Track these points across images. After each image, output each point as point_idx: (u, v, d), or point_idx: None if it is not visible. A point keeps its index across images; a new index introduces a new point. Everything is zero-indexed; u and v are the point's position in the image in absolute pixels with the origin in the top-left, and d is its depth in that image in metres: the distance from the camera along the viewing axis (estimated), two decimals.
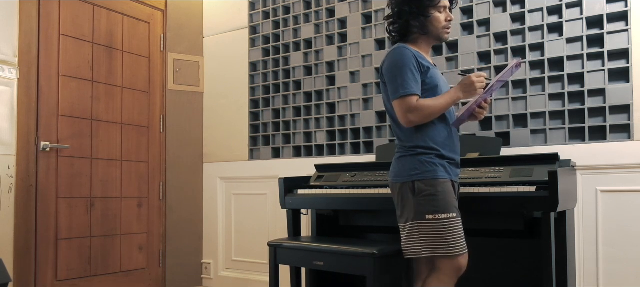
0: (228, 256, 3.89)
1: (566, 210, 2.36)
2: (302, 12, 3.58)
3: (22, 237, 2.99)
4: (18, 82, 2.98)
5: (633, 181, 2.49)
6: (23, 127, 3.01)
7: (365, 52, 3.30)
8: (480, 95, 1.98)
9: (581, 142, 2.62)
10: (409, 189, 2.00)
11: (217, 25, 4.03)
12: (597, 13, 2.61)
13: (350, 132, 3.34)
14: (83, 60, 3.34)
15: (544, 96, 2.72)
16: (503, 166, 2.44)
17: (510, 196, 2.25)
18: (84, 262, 3.31)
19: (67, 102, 3.23)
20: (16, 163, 2.96)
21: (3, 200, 2.89)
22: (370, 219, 2.88)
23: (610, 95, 2.56)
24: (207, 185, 4.01)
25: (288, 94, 3.62)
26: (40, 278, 3.08)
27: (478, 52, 2.91)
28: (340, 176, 2.85)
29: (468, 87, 1.98)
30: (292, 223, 2.90)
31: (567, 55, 2.68)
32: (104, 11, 3.48)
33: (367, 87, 3.30)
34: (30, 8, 3.06)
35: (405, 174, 2.02)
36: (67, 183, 3.22)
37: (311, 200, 2.80)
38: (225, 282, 3.87)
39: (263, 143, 3.75)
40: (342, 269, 2.42)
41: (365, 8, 3.34)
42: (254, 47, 3.82)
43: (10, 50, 2.95)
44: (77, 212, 3.28)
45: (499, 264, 2.60)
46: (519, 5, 2.83)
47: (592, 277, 2.58)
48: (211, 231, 3.96)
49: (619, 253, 2.52)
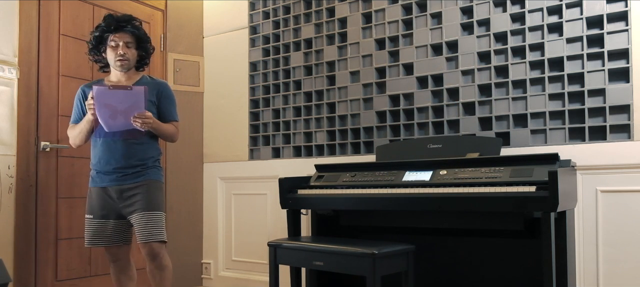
0: (228, 256, 3.89)
1: (566, 210, 2.36)
2: (302, 12, 3.58)
3: (22, 237, 2.99)
4: (18, 82, 2.98)
5: (633, 181, 2.49)
6: (23, 127, 3.01)
7: (365, 52, 3.30)
8: (93, 113, 2.41)
9: (581, 142, 2.62)
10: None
11: (217, 25, 4.03)
12: (597, 13, 2.61)
13: (350, 132, 3.34)
14: (83, 60, 3.34)
15: (544, 96, 2.72)
16: (503, 166, 2.44)
17: (510, 196, 2.25)
18: (84, 262, 3.31)
19: (67, 102, 3.23)
20: (16, 163, 2.96)
21: (3, 200, 2.89)
22: (370, 219, 2.88)
23: (610, 95, 2.56)
24: (207, 185, 4.01)
25: (288, 94, 3.62)
26: (40, 278, 3.07)
27: (478, 52, 2.91)
28: (340, 176, 2.85)
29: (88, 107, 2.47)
30: (292, 223, 2.90)
31: (567, 55, 2.68)
32: (104, 11, 3.47)
33: (367, 87, 3.30)
34: (30, 8, 3.06)
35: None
36: (67, 183, 3.22)
37: (311, 200, 2.80)
38: (225, 282, 3.87)
39: (263, 143, 3.75)
40: (341, 269, 2.42)
41: (365, 8, 3.34)
42: (254, 47, 3.82)
43: (10, 50, 2.95)
44: (77, 212, 3.27)
45: (499, 264, 2.60)
46: (519, 5, 2.83)
47: (592, 277, 2.58)
48: (211, 231, 3.96)
49: (619, 253, 2.52)
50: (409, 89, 3.12)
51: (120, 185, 2.51)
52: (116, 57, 2.54)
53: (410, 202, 2.48)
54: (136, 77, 2.65)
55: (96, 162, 2.55)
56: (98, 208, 2.53)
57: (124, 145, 2.52)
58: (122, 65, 2.55)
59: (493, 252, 2.61)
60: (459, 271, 2.70)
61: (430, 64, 3.06)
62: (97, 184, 2.54)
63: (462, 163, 2.56)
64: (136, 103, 2.39)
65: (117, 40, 2.54)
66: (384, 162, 2.79)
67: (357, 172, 2.82)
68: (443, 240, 2.75)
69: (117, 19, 2.56)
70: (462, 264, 2.69)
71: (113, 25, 2.54)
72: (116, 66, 2.56)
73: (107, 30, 2.53)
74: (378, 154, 2.95)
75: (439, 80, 3.05)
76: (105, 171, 2.52)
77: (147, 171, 2.56)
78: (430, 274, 2.77)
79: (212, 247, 3.94)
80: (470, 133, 2.90)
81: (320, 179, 2.91)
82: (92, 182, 2.57)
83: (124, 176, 2.51)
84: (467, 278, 2.69)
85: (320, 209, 2.93)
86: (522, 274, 2.53)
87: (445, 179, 2.51)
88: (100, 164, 2.53)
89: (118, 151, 2.51)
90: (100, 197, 2.53)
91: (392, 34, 3.21)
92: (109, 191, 2.52)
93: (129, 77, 2.61)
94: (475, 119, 2.90)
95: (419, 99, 3.09)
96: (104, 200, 2.53)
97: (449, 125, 3.00)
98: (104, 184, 2.52)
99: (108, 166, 2.51)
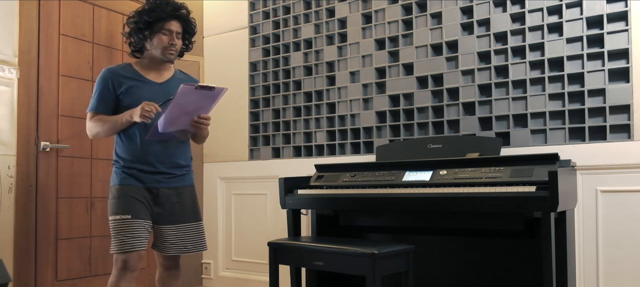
0: (228, 256, 3.89)
1: (566, 210, 2.36)
2: (302, 12, 3.58)
3: (22, 237, 2.99)
4: (18, 82, 2.98)
5: (633, 181, 2.49)
6: (23, 127, 3.00)
7: (365, 52, 3.30)
8: (145, 121, 2.14)
9: (581, 142, 2.62)
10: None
11: (217, 25, 4.03)
12: (597, 13, 2.61)
13: (350, 132, 3.34)
14: (83, 60, 3.34)
15: (544, 96, 2.72)
16: (503, 166, 2.44)
17: (510, 196, 2.25)
18: (84, 262, 3.31)
19: (67, 102, 3.23)
20: (16, 163, 2.96)
21: (3, 200, 2.89)
22: (370, 219, 2.88)
23: (610, 95, 2.56)
24: (207, 185, 4.01)
25: (288, 94, 3.62)
26: (40, 278, 3.07)
27: (478, 52, 2.91)
28: (340, 176, 2.85)
29: (135, 112, 2.17)
30: (292, 223, 2.90)
31: (567, 55, 2.68)
32: (104, 11, 3.48)
33: (367, 87, 3.30)
34: (30, 8, 3.06)
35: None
36: (67, 183, 3.22)
37: (311, 200, 2.80)
38: (225, 282, 3.87)
39: (263, 143, 3.75)
40: (342, 269, 2.42)
41: (365, 8, 3.34)
42: (254, 47, 3.82)
43: (10, 50, 2.95)
44: (77, 212, 3.28)
45: (499, 264, 2.60)
46: (519, 5, 2.83)
47: (592, 277, 2.58)
48: (211, 231, 3.96)
49: (619, 253, 2.52)
50: (409, 89, 3.12)
51: (168, 187, 2.31)
52: (167, 46, 2.29)
53: (410, 202, 2.48)
54: (169, 70, 2.42)
55: (134, 159, 2.27)
56: (137, 208, 2.22)
57: (172, 144, 2.31)
58: (171, 55, 2.32)
59: (493, 252, 2.61)
60: (459, 271, 2.70)
61: (430, 64, 3.06)
62: (135, 182, 2.26)
63: (462, 163, 2.56)
64: (206, 105, 2.18)
65: (171, 28, 2.29)
66: (384, 162, 2.79)
67: (357, 172, 2.82)
68: (443, 240, 2.75)
69: (173, 5, 2.31)
70: (462, 264, 2.69)
71: (169, 11, 2.29)
72: (165, 55, 2.31)
73: (163, 16, 2.27)
74: (378, 154, 2.95)
75: (439, 80, 3.05)
76: (150, 171, 2.27)
77: (190, 174, 2.41)
78: (430, 274, 2.77)
79: (212, 247, 3.94)
80: (470, 133, 2.90)
81: (320, 179, 2.91)
82: (129, 180, 2.26)
83: (172, 178, 2.32)
84: (467, 278, 2.69)
85: (320, 209, 2.93)
86: (522, 274, 2.53)
87: (445, 179, 2.51)
88: (142, 162, 2.27)
89: (166, 149, 2.30)
90: (141, 196, 2.25)
91: (392, 34, 3.21)
92: (153, 191, 2.28)
93: (165, 69, 2.40)
94: (475, 119, 2.90)
95: (419, 99, 3.09)
96: (145, 199, 2.26)
97: (449, 125, 3.00)
98: (148, 184, 2.27)
99: (155, 165, 2.28)
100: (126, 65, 2.36)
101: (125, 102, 2.27)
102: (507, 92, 2.83)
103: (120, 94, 2.28)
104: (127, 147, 2.28)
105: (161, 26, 2.27)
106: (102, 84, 2.28)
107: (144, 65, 2.36)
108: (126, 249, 2.16)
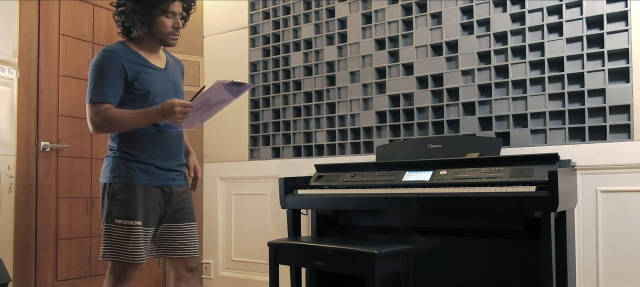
0: (228, 256, 3.89)
1: (566, 210, 2.36)
2: (302, 12, 3.58)
3: (22, 237, 2.99)
4: (18, 82, 2.98)
5: (633, 181, 2.49)
6: (23, 127, 3.00)
7: (365, 52, 3.30)
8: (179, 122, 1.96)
9: (581, 142, 2.62)
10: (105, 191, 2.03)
11: (217, 25, 4.03)
12: (597, 13, 2.61)
13: (350, 132, 3.34)
14: (83, 60, 3.34)
15: (544, 96, 2.72)
16: (503, 166, 2.44)
17: (510, 196, 2.25)
18: (84, 262, 3.31)
19: (67, 102, 3.23)
20: (16, 163, 2.96)
21: (3, 200, 2.89)
22: (370, 219, 2.88)
23: (610, 95, 2.56)
24: (207, 185, 4.01)
25: (288, 94, 3.62)
26: (40, 278, 3.07)
27: (478, 52, 2.91)
28: (340, 176, 2.85)
29: (168, 113, 1.93)
30: (292, 223, 2.90)
31: (567, 55, 2.68)
32: (104, 11, 3.48)
33: (367, 87, 3.30)
34: (30, 8, 3.06)
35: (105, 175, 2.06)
36: (67, 183, 3.22)
37: (311, 200, 2.80)
38: (225, 282, 3.87)
39: (263, 143, 3.75)
40: (341, 269, 2.42)
41: (365, 8, 3.34)
42: (254, 47, 3.82)
43: (10, 50, 2.95)
44: (77, 212, 3.28)
45: (499, 264, 2.60)
46: (519, 5, 2.83)
47: (592, 277, 2.58)
48: (211, 231, 3.96)
49: (619, 253, 2.52)
50: (409, 89, 3.12)
51: (178, 185, 2.12)
52: (171, 31, 2.06)
53: (411, 202, 2.48)
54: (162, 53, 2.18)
55: (150, 155, 2.03)
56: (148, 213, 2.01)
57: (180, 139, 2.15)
58: (174, 41, 2.10)
59: (493, 252, 2.61)
60: (458, 271, 2.70)
61: (430, 64, 3.06)
62: (151, 181, 2.02)
63: (462, 163, 2.56)
64: (228, 99, 2.03)
65: (176, 9, 2.05)
66: (384, 162, 2.79)
67: (357, 172, 2.82)
68: (443, 240, 2.75)
69: None
70: (462, 264, 2.69)
71: None
72: (169, 40, 2.07)
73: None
74: (378, 154, 2.95)
75: (439, 80, 3.05)
76: (167, 167, 2.06)
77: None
78: (430, 274, 2.77)
79: (212, 247, 3.94)
80: (470, 133, 2.90)
81: (320, 179, 2.91)
82: (144, 179, 2.01)
83: (180, 175, 2.14)
84: (467, 278, 2.68)
85: (320, 209, 2.93)
86: (522, 274, 2.53)
87: (445, 179, 2.51)
88: (159, 158, 2.04)
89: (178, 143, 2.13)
90: (153, 198, 2.03)
91: (392, 34, 3.21)
92: (165, 190, 2.07)
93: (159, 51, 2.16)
94: (475, 119, 2.90)
95: (419, 99, 3.09)
96: (156, 202, 2.04)
97: (449, 125, 3.00)
98: (162, 183, 2.05)
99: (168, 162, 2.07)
100: (125, 47, 2.05)
101: (136, 91, 2.01)
102: (507, 92, 2.83)
103: (133, 82, 1.99)
104: (142, 140, 2.02)
105: (165, 8, 2.02)
106: (111, 69, 1.95)
107: (143, 47, 2.08)
108: (130, 260, 1.96)
